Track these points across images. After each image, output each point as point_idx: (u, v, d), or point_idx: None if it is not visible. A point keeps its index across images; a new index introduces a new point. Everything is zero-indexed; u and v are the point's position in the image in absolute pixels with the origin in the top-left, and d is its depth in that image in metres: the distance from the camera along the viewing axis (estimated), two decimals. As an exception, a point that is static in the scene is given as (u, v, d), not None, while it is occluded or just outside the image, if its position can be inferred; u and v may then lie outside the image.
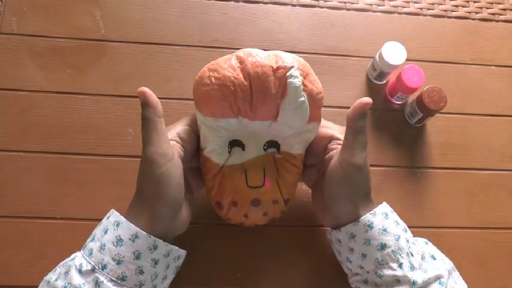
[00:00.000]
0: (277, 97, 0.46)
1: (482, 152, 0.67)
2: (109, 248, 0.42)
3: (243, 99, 0.46)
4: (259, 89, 0.45)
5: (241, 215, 0.51)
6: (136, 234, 0.43)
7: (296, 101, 0.46)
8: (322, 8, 0.72)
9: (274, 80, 0.45)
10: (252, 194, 0.49)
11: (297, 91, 0.46)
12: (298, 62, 0.47)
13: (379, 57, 0.64)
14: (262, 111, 0.47)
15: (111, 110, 0.63)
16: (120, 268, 0.42)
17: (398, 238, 0.47)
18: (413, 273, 0.45)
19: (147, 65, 0.66)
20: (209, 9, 0.70)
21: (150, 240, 0.43)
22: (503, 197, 0.65)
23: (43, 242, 0.56)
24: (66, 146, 0.61)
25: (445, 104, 0.62)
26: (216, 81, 0.46)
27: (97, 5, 0.68)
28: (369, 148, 0.64)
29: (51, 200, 0.58)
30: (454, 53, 0.72)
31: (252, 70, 0.45)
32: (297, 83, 0.46)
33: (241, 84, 0.45)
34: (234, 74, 0.45)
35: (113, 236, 0.43)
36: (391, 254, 0.46)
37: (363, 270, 0.48)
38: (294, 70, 0.46)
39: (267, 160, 0.50)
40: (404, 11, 0.74)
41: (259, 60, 0.46)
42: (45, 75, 0.63)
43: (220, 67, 0.46)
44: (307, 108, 0.47)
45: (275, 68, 0.46)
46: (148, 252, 0.43)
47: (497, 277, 0.61)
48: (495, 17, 0.76)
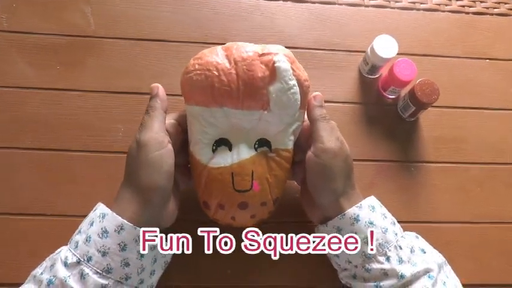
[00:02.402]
0: (265, 82, 0.45)
1: (476, 145, 0.67)
2: (94, 240, 0.42)
3: (227, 84, 0.45)
4: (244, 71, 0.45)
5: (229, 218, 0.50)
6: (122, 225, 0.42)
7: (288, 84, 0.46)
8: (314, 3, 0.72)
9: (260, 64, 0.45)
10: (239, 197, 0.48)
11: (287, 74, 0.45)
12: (283, 51, 0.47)
13: (371, 51, 0.64)
14: (250, 97, 0.46)
15: (101, 107, 0.63)
16: (105, 260, 0.41)
17: (386, 231, 0.47)
18: (401, 267, 0.45)
19: (138, 61, 0.65)
20: (201, 5, 0.70)
21: (136, 232, 0.43)
22: (498, 191, 0.65)
23: (35, 239, 0.56)
24: (57, 142, 0.60)
25: (437, 96, 0.61)
26: (199, 67, 0.46)
27: (87, 2, 0.68)
28: (362, 142, 0.65)
29: (43, 197, 0.58)
30: (447, 46, 0.72)
31: (236, 55, 0.45)
32: (286, 66, 0.45)
33: (224, 68, 0.45)
34: (217, 59, 0.45)
35: (98, 228, 0.42)
36: (378, 247, 0.46)
37: (351, 264, 0.48)
38: (281, 56, 0.46)
39: (258, 160, 0.48)
40: (397, 5, 0.74)
41: (244, 47, 0.46)
42: (35, 72, 0.63)
43: (204, 55, 0.46)
44: (298, 91, 0.47)
45: (261, 53, 0.46)
46: (134, 244, 0.43)
47: (492, 272, 0.60)
48: (489, 10, 0.75)
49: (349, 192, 0.48)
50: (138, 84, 0.64)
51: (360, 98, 0.67)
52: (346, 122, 0.65)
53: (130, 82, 0.64)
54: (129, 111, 0.63)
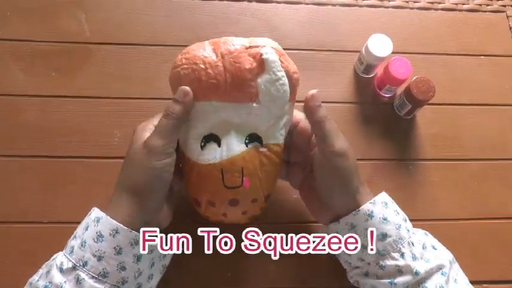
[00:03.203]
0: (252, 74, 0.45)
1: (473, 142, 0.67)
2: (89, 245, 0.42)
3: (214, 77, 0.45)
4: (232, 64, 0.45)
5: (220, 214, 0.49)
6: (117, 229, 0.42)
7: (276, 75, 0.45)
8: (308, 5, 0.72)
9: (247, 57, 0.45)
10: (229, 194, 0.47)
11: (276, 65, 0.45)
12: (271, 43, 0.47)
13: (366, 50, 0.64)
14: (238, 89, 0.45)
15: (96, 112, 0.62)
16: (101, 264, 0.41)
17: (399, 227, 0.46)
18: (415, 263, 0.45)
19: (133, 66, 0.65)
20: (194, 9, 0.70)
21: (131, 235, 0.42)
22: (496, 187, 0.64)
23: (31, 246, 0.56)
24: (52, 149, 0.60)
25: (433, 94, 0.61)
26: (186, 61, 0.46)
27: (81, 8, 0.68)
28: (359, 142, 0.65)
29: (39, 204, 0.57)
30: (441, 44, 0.72)
31: (223, 48, 0.45)
32: (274, 57, 0.45)
33: (211, 62, 0.45)
34: (204, 53, 0.46)
35: (93, 232, 0.42)
36: (392, 243, 0.45)
37: (364, 262, 0.47)
38: (268, 48, 0.46)
39: (248, 156, 0.47)
40: (391, 4, 0.74)
41: (231, 40, 0.46)
42: (30, 79, 0.63)
43: (191, 49, 0.47)
44: (286, 83, 0.46)
45: (248, 46, 0.46)
46: (129, 247, 0.42)
47: (494, 268, 0.60)
48: (482, 7, 0.76)
49: (361, 189, 0.48)
50: (133, 89, 0.64)
51: (356, 98, 0.67)
52: (342, 122, 0.65)
53: (125, 87, 0.64)
54: (124, 116, 0.62)
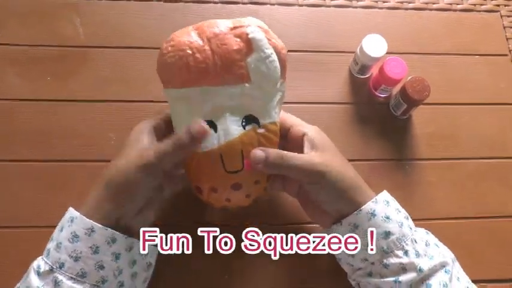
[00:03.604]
0: (241, 54, 0.45)
1: (470, 141, 0.67)
2: (65, 246, 0.41)
3: (203, 61, 0.44)
4: (219, 46, 0.45)
5: (223, 200, 0.49)
6: (92, 227, 0.42)
7: (265, 53, 0.45)
8: (302, 6, 0.72)
9: (234, 38, 0.45)
10: (231, 178, 0.47)
11: (263, 42, 0.45)
12: (256, 21, 0.47)
13: (360, 51, 0.64)
14: (228, 71, 0.45)
15: (92, 116, 0.62)
16: (78, 265, 0.41)
17: (402, 225, 0.46)
18: (419, 260, 0.44)
19: (128, 69, 0.65)
20: (188, 11, 0.70)
21: (107, 233, 0.42)
22: (494, 186, 0.64)
23: (28, 251, 0.54)
24: (48, 153, 0.60)
25: (428, 93, 0.61)
26: (172, 48, 0.45)
27: (76, 12, 0.68)
28: (355, 142, 0.65)
29: (35, 208, 0.57)
30: (436, 44, 0.72)
31: (208, 31, 0.45)
32: (261, 35, 0.45)
33: (198, 46, 0.45)
34: (189, 38, 0.45)
35: (68, 233, 0.42)
36: (395, 241, 0.45)
37: (367, 262, 0.47)
38: (253, 26, 0.46)
39: (246, 138, 0.46)
40: (385, 5, 0.74)
41: (215, 23, 0.46)
42: (26, 84, 0.63)
43: (176, 36, 0.46)
44: (276, 59, 0.46)
45: (232, 27, 0.46)
46: (106, 245, 0.42)
47: (491, 267, 0.60)
48: (476, 7, 0.76)
49: (359, 189, 0.48)
50: (129, 92, 0.64)
51: (351, 98, 0.67)
52: (338, 123, 0.65)
53: (121, 90, 0.64)
54: (120, 119, 0.62)
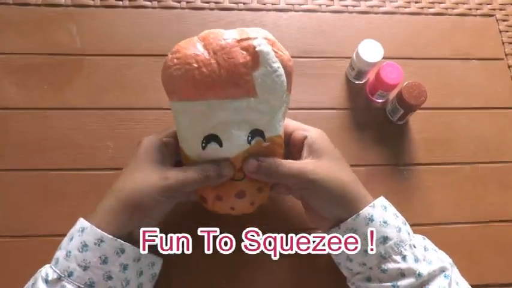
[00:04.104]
0: (247, 68, 0.44)
1: (467, 145, 0.67)
2: (75, 255, 0.42)
3: (209, 75, 0.44)
4: (225, 59, 0.44)
5: (228, 208, 0.49)
6: (102, 238, 0.42)
7: (272, 67, 0.45)
8: (298, 12, 0.72)
9: (240, 50, 0.44)
10: (235, 186, 0.48)
11: (270, 56, 0.44)
12: (262, 33, 0.46)
13: (356, 56, 0.64)
14: (234, 85, 0.44)
15: (89, 124, 0.62)
16: (86, 274, 0.41)
17: (400, 230, 0.46)
18: (418, 265, 0.44)
19: (124, 77, 0.65)
20: (184, 19, 0.70)
21: (117, 244, 0.42)
22: (492, 190, 0.64)
23: (24, 261, 0.55)
24: (45, 162, 0.60)
25: (425, 98, 0.61)
26: (177, 61, 0.44)
27: (73, 20, 0.68)
28: (352, 148, 0.65)
29: (32, 218, 0.57)
30: (432, 49, 0.72)
31: (214, 44, 0.44)
32: (268, 48, 0.44)
33: (204, 59, 0.44)
34: (195, 51, 0.44)
35: (78, 242, 0.42)
36: (393, 246, 0.45)
37: (365, 267, 0.47)
38: (260, 39, 0.45)
39: (251, 151, 0.47)
40: (381, 10, 0.74)
41: (221, 35, 0.45)
42: (22, 93, 0.63)
43: (182, 48, 0.45)
44: (283, 73, 0.46)
45: (239, 39, 0.45)
46: (115, 256, 0.42)
47: (490, 271, 0.60)
48: (472, 11, 0.76)
49: (357, 193, 0.48)
50: (126, 100, 0.64)
51: (348, 104, 0.67)
52: (335, 128, 0.65)
53: (118, 98, 0.64)
54: (118, 127, 0.62)
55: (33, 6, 0.68)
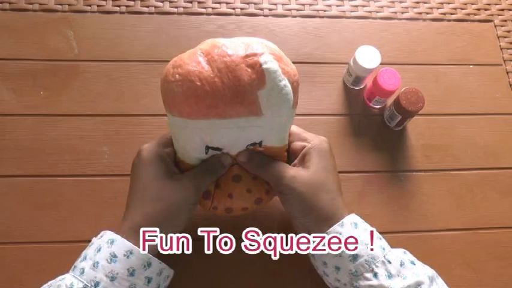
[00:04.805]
0: (253, 86, 0.42)
1: (465, 151, 0.66)
2: (102, 265, 0.42)
3: (212, 93, 0.41)
4: (230, 79, 0.41)
5: (226, 196, 0.50)
6: (131, 250, 0.43)
7: (279, 86, 0.42)
8: (295, 17, 0.72)
9: (246, 68, 0.42)
10: (231, 170, 0.50)
11: (277, 75, 0.42)
12: (268, 48, 0.44)
13: (354, 62, 0.64)
14: (238, 104, 0.42)
15: (86, 130, 0.62)
16: (113, 285, 0.42)
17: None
18: (390, 281, 0.44)
19: (121, 83, 0.65)
20: (181, 24, 0.70)
21: (145, 257, 0.43)
22: (490, 196, 0.64)
23: (20, 267, 0.55)
24: (41, 168, 0.60)
25: (423, 104, 0.61)
26: (180, 77, 0.42)
27: (69, 26, 0.68)
28: (349, 154, 0.64)
29: (27, 224, 0.57)
30: (430, 54, 0.72)
31: (219, 61, 0.42)
32: (275, 66, 0.42)
33: (207, 77, 0.41)
34: (199, 67, 0.42)
35: (107, 253, 0.43)
36: (364, 264, 0.45)
37: (340, 282, 0.47)
38: (267, 55, 0.42)
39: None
40: (379, 15, 0.74)
41: (225, 50, 0.42)
42: (18, 98, 0.63)
43: (184, 62, 0.42)
44: (290, 90, 0.44)
45: (244, 55, 0.42)
46: (142, 269, 0.43)
47: (488, 278, 0.59)
48: (470, 17, 0.76)
49: (332, 208, 0.48)
50: (122, 106, 0.64)
51: (345, 110, 0.67)
52: (332, 134, 0.65)
53: (115, 104, 0.64)
54: (114, 133, 0.62)
55: (30, 12, 0.68)
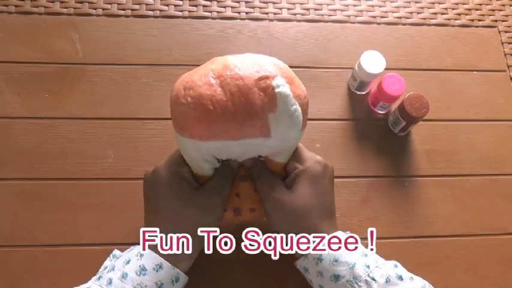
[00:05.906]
0: (264, 110, 0.42)
1: (470, 157, 0.66)
2: (131, 277, 0.42)
3: (224, 117, 0.41)
4: (242, 103, 0.41)
5: (233, 195, 0.51)
6: (161, 264, 0.43)
7: (289, 110, 0.43)
8: (300, 22, 0.72)
9: (258, 92, 0.41)
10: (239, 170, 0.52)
11: (288, 99, 0.42)
12: (280, 70, 0.43)
13: (359, 67, 0.64)
14: (250, 127, 0.42)
15: (90, 133, 0.62)
16: None
17: (353, 266, 0.45)
18: None
19: (126, 86, 0.65)
20: (187, 27, 0.70)
21: (174, 272, 0.44)
22: (493, 202, 0.64)
23: (22, 271, 0.55)
24: (44, 171, 0.60)
25: (427, 110, 0.61)
26: (192, 100, 0.41)
27: (75, 29, 0.68)
28: (353, 159, 0.64)
29: (30, 227, 0.57)
30: (435, 60, 0.72)
31: (231, 84, 0.41)
32: (287, 91, 0.42)
33: (220, 101, 0.41)
34: (211, 91, 0.41)
35: (136, 266, 0.43)
36: (346, 284, 0.44)
37: None
38: (279, 78, 0.42)
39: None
40: (383, 21, 0.74)
41: (238, 73, 0.42)
42: (23, 102, 0.63)
43: (196, 84, 0.42)
44: (300, 114, 0.44)
45: (257, 78, 0.42)
46: (170, 284, 0.44)
47: (491, 284, 0.59)
48: (474, 23, 0.76)
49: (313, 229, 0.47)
50: (127, 110, 0.64)
51: (350, 115, 0.67)
52: (337, 139, 0.65)
53: (119, 107, 0.64)
54: (119, 137, 0.62)
55: (36, 15, 0.68)
